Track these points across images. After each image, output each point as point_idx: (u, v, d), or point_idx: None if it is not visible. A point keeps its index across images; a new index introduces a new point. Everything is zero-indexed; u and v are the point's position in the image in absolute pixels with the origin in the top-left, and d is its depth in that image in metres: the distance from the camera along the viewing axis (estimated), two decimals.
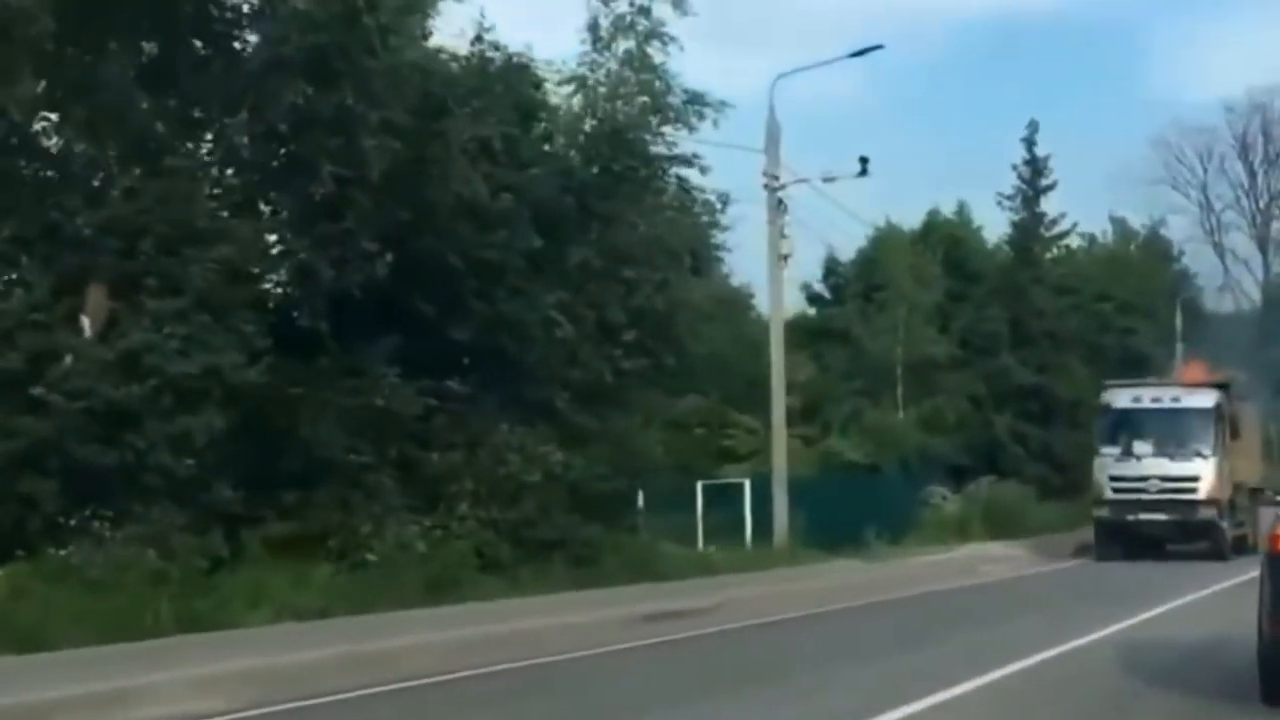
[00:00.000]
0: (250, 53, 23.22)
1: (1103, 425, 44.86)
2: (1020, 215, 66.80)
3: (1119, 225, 79.03)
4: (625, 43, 39.64)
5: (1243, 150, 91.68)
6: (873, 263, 62.27)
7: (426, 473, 29.05)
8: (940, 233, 64.83)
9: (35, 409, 22.19)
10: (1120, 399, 44.83)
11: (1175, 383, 47.65)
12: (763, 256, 41.36)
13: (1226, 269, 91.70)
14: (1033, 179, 66.66)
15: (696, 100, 39.39)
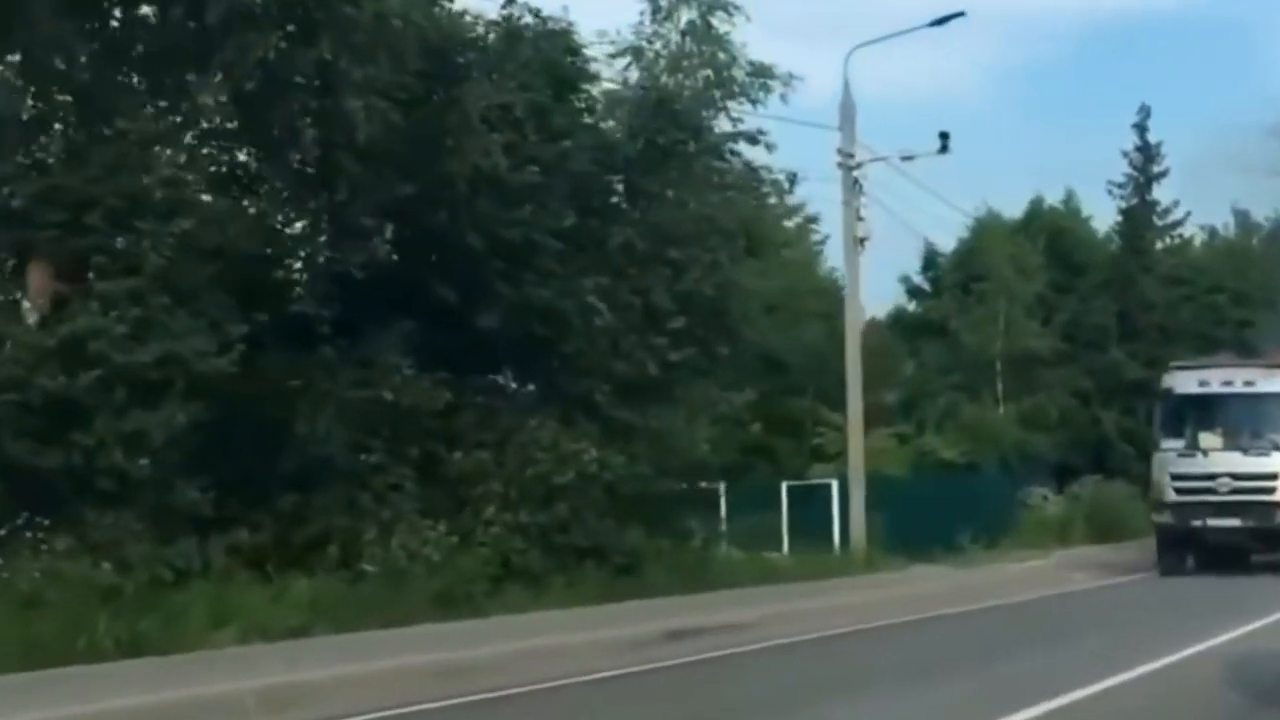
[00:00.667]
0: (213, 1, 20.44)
1: (1163, 414, 37.77)
2: (1131, 202, 63.45)
3: (1241, 218, 75.49)
4: (688, 13, 37.34)
5: None
6: (973, 253, 59.42)
7: (448, 473, 26.44)
8: (1043, 221, 61.96)
9: None
10: (1184, 383, 37.45)
11: (1250, 363, 39.07)
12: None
13: None
14: (1144, 165, 63.36)
15: (762, 73, 37.00)
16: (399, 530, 24.53)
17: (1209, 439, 36.62)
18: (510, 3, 28.27)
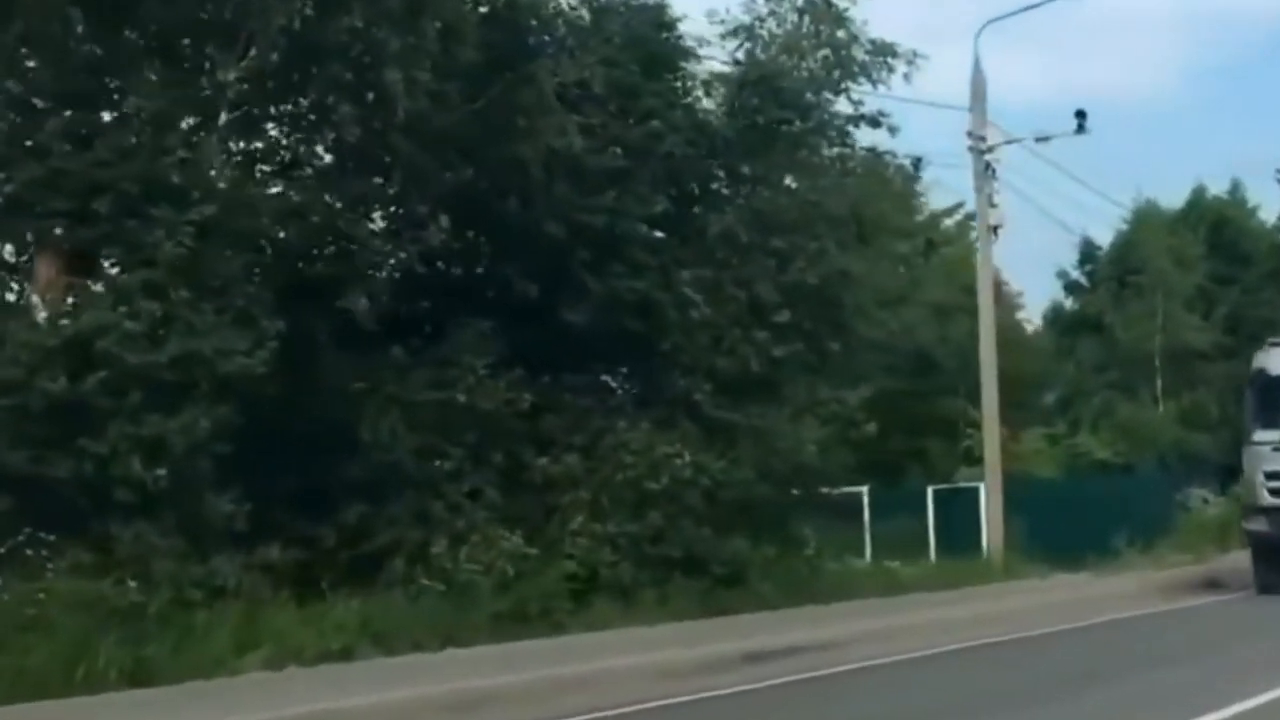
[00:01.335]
0: None
1: (1256, 400, 30.66)
2: None
3: None
4: None
5: None
6: (1130, 245, 56.89)
7: (533, 480, 24.55)
8: (1205, 211, 59.21)
9: None
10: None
11: None
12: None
13: None
14: None
15: (884, 52, 34.87)
16: (471, 542, 22.63)
17: None
18: None
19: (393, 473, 22.63)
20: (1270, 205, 61.68)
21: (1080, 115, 35.26)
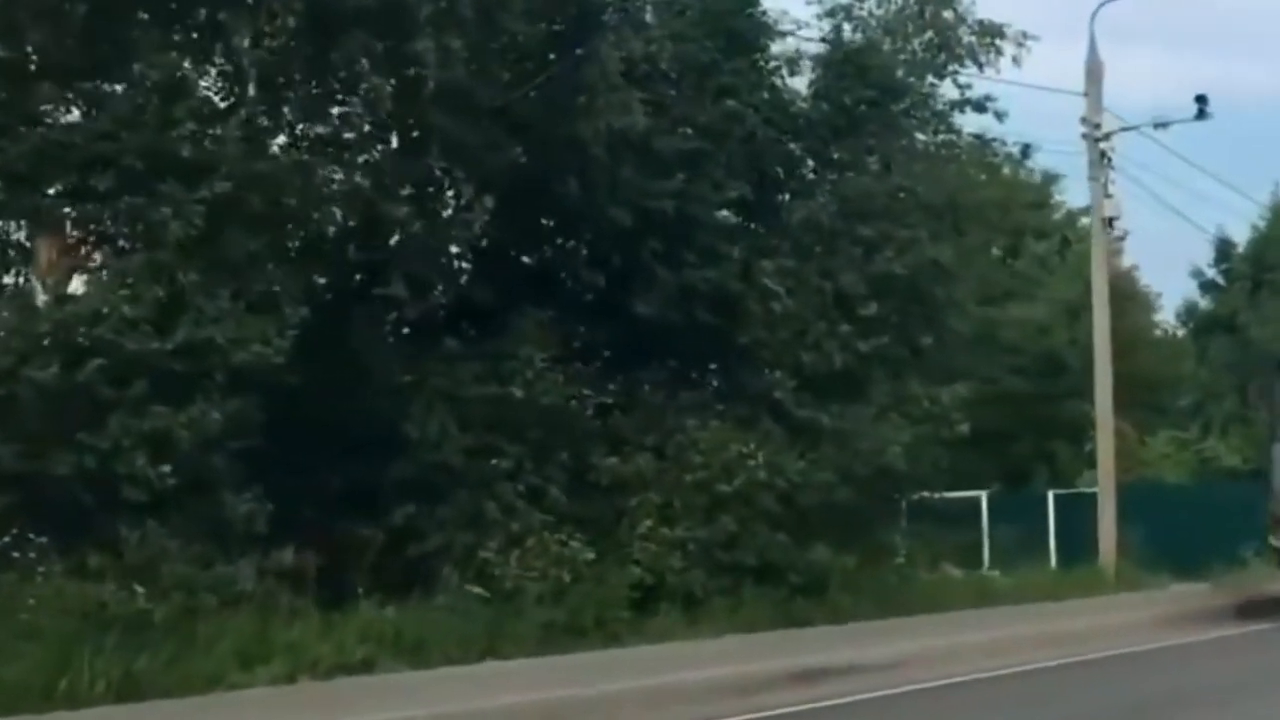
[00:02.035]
0: None
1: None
2: None
3: None
4: None
5: None
6: (1266, 242, 54.73)
7: (599, 481, 23.12)
8: None
9: None
10: None
11: None
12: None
13: None
14: None
15: (991, 33, 33.13)
16: (526, 546, 21.23)
17: None
18: None
19: (442, 472, 21.31)
20: None
21: (1201, 100, 33.30)
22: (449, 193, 21.56)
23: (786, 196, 25.97)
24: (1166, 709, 16.02)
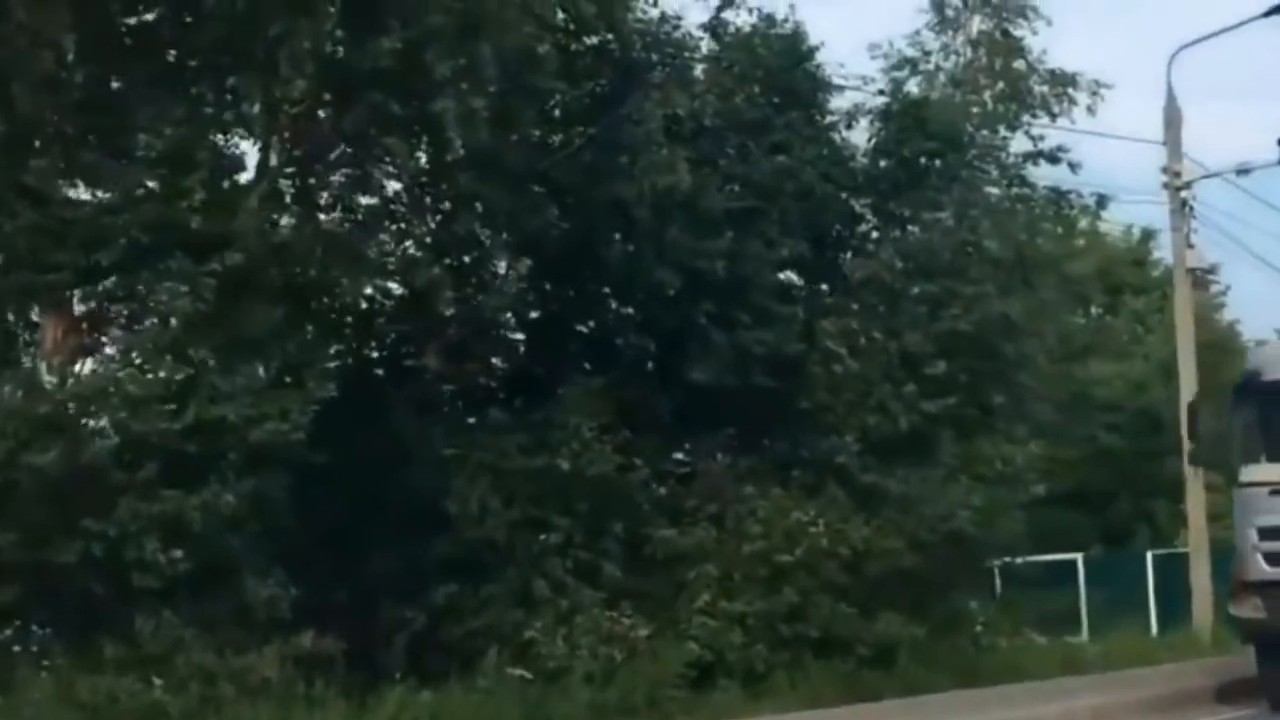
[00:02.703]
0: None
1: (1248, 419, 21.66)
2: None
3: None
4: (981, 22, 32.81)
5: None
6: None
7: (654, 555, 22.28)
8: None
9: None
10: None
11: None
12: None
13: None
14: None
15: (1063, 82, 32.22)
16: (576, 624, 20.43)
17: None
18: (727, 5, 24.28)
19: (487, 548, 20.57)
20: None
21: None
22: (488, 260, 20.85)
23: (848, 254, 25.12)
24: None
